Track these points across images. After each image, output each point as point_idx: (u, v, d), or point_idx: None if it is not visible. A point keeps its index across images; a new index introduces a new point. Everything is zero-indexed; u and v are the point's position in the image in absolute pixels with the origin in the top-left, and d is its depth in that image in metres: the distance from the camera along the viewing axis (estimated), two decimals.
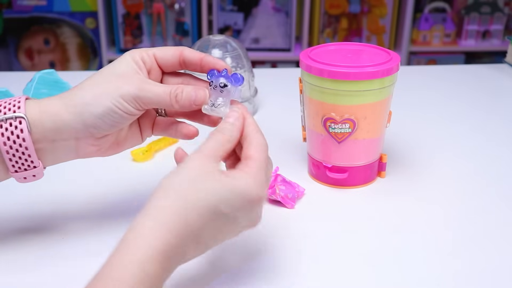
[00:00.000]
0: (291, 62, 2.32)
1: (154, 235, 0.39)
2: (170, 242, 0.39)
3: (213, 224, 0.41)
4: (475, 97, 0.95)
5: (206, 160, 0.43)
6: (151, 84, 0.48)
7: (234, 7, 2.27)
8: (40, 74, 0.79)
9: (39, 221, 0.57)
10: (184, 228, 0.40)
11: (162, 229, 0.39)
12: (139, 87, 0.47)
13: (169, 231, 0.39)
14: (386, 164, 0.66)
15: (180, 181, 0.42)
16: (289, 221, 0.58)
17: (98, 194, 0.63)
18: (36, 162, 0.47)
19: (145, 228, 0.40)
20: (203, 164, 0.42)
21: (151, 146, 0.72)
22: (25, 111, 0.46)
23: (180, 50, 0.50)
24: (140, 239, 0.39)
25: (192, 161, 0.43)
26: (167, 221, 0.40)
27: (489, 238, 0.55)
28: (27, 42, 2.38)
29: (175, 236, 0.39)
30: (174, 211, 0.40)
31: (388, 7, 2.29)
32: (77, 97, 0.47)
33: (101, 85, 0.47)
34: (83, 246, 0.53)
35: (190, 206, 0.40)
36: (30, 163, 0.47)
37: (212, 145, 0.44)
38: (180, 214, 0.40)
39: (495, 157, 0.73)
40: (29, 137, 0.46)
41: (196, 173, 0.42)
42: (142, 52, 0.49)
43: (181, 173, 0.42)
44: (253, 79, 0.85)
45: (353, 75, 0.57)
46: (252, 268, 0.50)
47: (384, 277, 0.50)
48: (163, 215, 0.40)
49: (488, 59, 2.41)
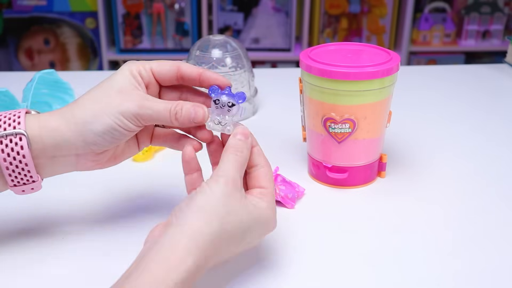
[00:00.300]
0: (291, 62, 2.32)
1: (192, 259, 0.40)
2: (202, 265, 0.41)
3: (236, 246, 0.45)
4: (475, 97, 0.95)
5: (235, 185, 0.44)
6: (151, 101, 0.48)
7: (234, 7, 2.27)
8: (40, 74, 0.79)
9: (39, 221, 0.57)
10: (214, 252, 0.42)
11: (199, 254, 0.40)
12: (139, 104, 0.47)
13: (205, 256, 0.41)
14: (386, 164, 0.66)
15: (217, 205, 0.43)
16: (289, 221, 0.58)
17: (98, 194, 0.63)
18: (35, 176, 0.47)
19: (183, 250, 0.40)
20: (234, 190, 0.44)
21: (151, 146, 0.72)
22: (25, 126, 0.46)
23: (177, 65, 0.50)
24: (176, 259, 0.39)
25: (222, 186, 0.43)
26: (204, 246, 0.41)
27: (489, 238, 0.55)
28: (27, 42, 2.38)
29: (206, 259, 0.41)
30: (212, 237, 0.42)
31: (388, 7, 2.30)
32: (78, 114, 0.47)
33: (101, 101, 0.47)
34: (83, 246, 0.53)
35: (225, 233, 0.42)
36: (29, 178, 0.47)
37: (235, 167, 0.45)
38: (215, 241, 0.42)
39: (495, 157, 0.73)
40: (29, 153, 0.46)
41: (230, 201, 0.43)
42: (139, 66, 0.49)
43: (217, 197, 0.43)
44: (253, 79, 0.85)
45: (353, 75, 0.57)
46: (252, 268, 0.50)
47: (384, 277, 0.50)
48: (202, 241, 0.41)
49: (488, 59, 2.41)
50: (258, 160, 0.48)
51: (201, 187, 0.44)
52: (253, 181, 0.48)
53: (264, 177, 0.48)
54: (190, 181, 0.49)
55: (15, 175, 0.47)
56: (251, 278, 0.49)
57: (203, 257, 0.41)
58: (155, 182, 0.66)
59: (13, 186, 0.48)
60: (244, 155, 0.46)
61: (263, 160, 0.48)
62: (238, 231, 0.43)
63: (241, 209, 0.44)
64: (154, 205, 0.61)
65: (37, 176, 0.48)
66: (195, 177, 0.49)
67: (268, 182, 0.47)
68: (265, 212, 0.45)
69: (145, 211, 0.59)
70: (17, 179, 0.47)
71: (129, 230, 0.56)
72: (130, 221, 0.58)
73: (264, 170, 0.48)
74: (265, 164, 0.48)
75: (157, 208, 0.60)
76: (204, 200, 0.43)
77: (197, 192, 0.44)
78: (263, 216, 0.45)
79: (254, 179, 0.48)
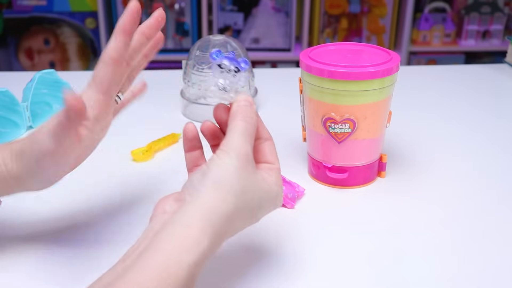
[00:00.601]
0: (291, 62, 2.32)
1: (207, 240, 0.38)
2: (216, 243, 0.40)
3: (245, 222, 0.44)
4: (475, 97, 0.95)
5: (246, 160, 0.42)
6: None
7: (234, 7, 2.27)
8: (40, 74, 0.79)
9: (38, 221, 0.57)
10: (227, 229, 0.41)
11: (214, 233, 0.39)
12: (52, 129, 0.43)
13: (219, 235, 0.40)
14: (386, 164, 0.66)
15: (232, 181, 0.41)
16: (289, 221, 0.58)
17: (98, 194, 0.63)
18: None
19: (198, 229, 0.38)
20: (246, 165, 0.42)
21: (151, 146, 0.72)
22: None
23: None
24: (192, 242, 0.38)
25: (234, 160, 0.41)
26: (220, 226, 0.40)
27: (489, 238, 0.55)
28: (27, 42, 2.38)
29: (220, 238, 0.40)
30: (227, 216, 0.40)
31: (388, 7, 2.30)
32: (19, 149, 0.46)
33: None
34: (83, 246, 0.53)
35: (239, 212, 0.41)
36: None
37: (246, 140, 0.43)
38: (230, 219, 0.41)
39: (495, 157, 0.73)
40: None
41: (243, 176, 0.41)
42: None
43: (231, 172, 0.41)
44: (253, 79, 0.85)
45: (353, 75, 0.57)
46: (252, 267, 0.50)
47: (384, 277, 0.50)
48: (217, 220, 0.40)
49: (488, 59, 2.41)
50: (262, 133, 0.46)
51: (212, 160, 0.42)
52: (259, 155, 0.46)
53: (269, 152, 0.46)
54: (191, 158, 0.48)
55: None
56: (251, 278, 0.49)
57: (217, 237, 0.40)
58: (155, 182, 0.66)
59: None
60: (253, 122, 0.44)
61: (266, 133, 0.47)
62: (250, 208, 0.42)
63: (254, 185, 0.42)
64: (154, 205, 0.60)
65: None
66: (197, 154, 0.48)
67: (274, 157, 0.46)
68: (274, 188, 0.45)
69: (145, 211, 0.59)
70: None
71: (129, 230, 0.56)
72: (130, 221, 0.58)
73: (269, 144, 0.47)
74: (269, 137, 0.47)
75: None
76: (218, 174, 0.41)
77: (209, 166, 0.42)
78: (273, 192, 0.44)
79: (260, 154, 0.46)
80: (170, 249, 0.37)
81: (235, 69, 0.47)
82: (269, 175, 0.45)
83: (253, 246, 0.54)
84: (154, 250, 0.37)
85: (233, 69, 0.47)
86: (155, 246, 0.38)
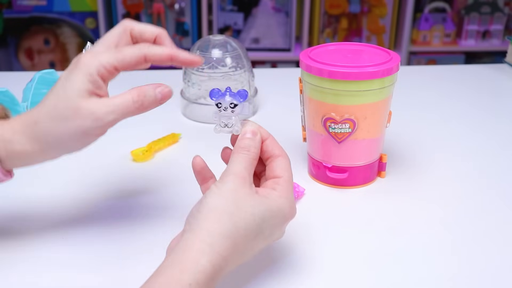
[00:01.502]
0: (291, 62, 2.32)
1: (205, 258, 0.40)
2: (219, 264, 0.41)
3: (255, 241, 0.44)
4: (475, 97, 0.95)
5: (243, 182, 0.44)
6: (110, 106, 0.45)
7: (234, 7, 2.27)
8: (40, 74, 0.79)
9: (38, 221, 0.57)
10: (232, 250, 0.42)
11: (213, 252, 0.40)
12: (100, 118, 0.45)
13: (220, 254, 0.41)
14: (386, 164, 0.66)
15: (226, 203, 0.42)
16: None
17: (98, 194, 0.63)
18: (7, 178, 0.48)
19: (196, 251, 0.40)
20: (242, 187, 0.43)
21: (151, 146, 0.72)
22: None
23: (143, 56, 0.47)
24: (190, 261, 0.40)
25: (230, 184, 0.43)
26: (218, 245, 0.41)
27: (489, 238, 0.55)
28: (27, 42, 2.38)
29: (224, 258, 0.41)
30: (226, 235, 0.41)
31: (388, 7, 2.29)
32: (41, 137, 0.46)
33: (61, 122, 0.45)
34: (83, 246, 0.53)
35: (238, 229, 0.42)
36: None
37: (243, 166, 0.45)
38: (230, 238, 0.41)
39: (495, 157, 0.73)
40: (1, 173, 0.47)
41: (239, 197, 0.43)
42: (100, 69, 0.45)
43: (225, 195, 0.43)
44: (253, 79, 0.85)
45: (353, 75, 0.57)
46: (252, 267, 0.50)
47: (384, 277, 0.50)
48: (215, 240, 0.41)
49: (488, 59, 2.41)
50: (273, 151, 0.48)
51: (209, 189, 0.44)
52: (269, 172, 0.47)
53: (277, 166, 0.47)
54: (206, 189, 0.49)
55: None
56: (250, 278, 0.49)
57: (219, 256, 0.40)
58: (155, 182, 0.66)
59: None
60: (252, 154, 0.46)
61: (277, 150, 0.48)
62: (253, 224, 0.43)
63: (251, 202, 0.43)
64: (154, 205, 0.61)
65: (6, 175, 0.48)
66: (211, 183, 0.48)
67: (282, 170, 0.47)
68: (277, 201, 0.44)
69: (145, 211, 0.59)
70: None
71: (129, 230, 0.56)
72: (130, 221, 0.58)
73: (279, 160, 0.47)
74: (280, 154, 0.48)
75: (157, 208, 0.60)
76: (212, 200, 0.43)
77: (205, 195, 0.43)
78: (275, 204, 0.44)
79: (269, 170, 0.47)
80: (171, 271, 0.39)
81: (231, 105, 0.47)
82: (272, 189, 0.45)
83: None
84: (157, 274, 0.40)
85: (229, 106, 0.47)
86: (159, 270, 0.40)
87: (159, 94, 0.46)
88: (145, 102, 0.46)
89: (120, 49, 0.47)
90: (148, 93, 0.46)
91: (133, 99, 0.45)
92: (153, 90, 0.46)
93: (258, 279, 0.49)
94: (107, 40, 0.49)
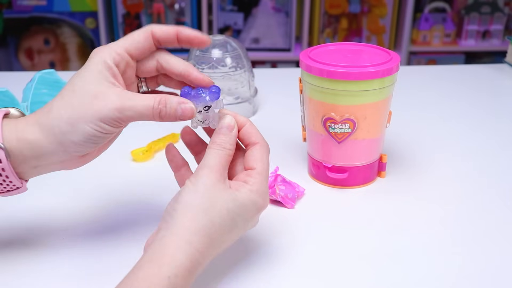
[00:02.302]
0: (291, 62, 2.32)
1: (183, 254, 0.41)
2: (197, 259, 0.41)
3: (230, 234, 0.45)
4: (475, 97, 0.95)
5: (217, 178, 0.44)
6: (131, 99, 0.44)
7: (234, 7, 2.27)
8: (40, 74, 0.79)
9: (38, 221, 0.57)
10: (209, 244, 0.42)
11: (191, 248, 0.41)
12: (118, 108, 0.44)
13: (197, 249, 0.41)
14: (386, 164, 0.66)
15: (201, 199, 0.43)
16: (289, 221, 0.58)
17: (98, 194, 0.63)
18: (18, 184, 0.46)
19: (174, 248, 0.41)
20: (217, 182, 0.44)
21: (151, 146, 0.72)
22: (2, 138, 0.44)
23: (150, 32, 0.47)
24: (168, 257, 0.40)
25: (205, 179, 0.44)
26: (196, 241, 0.41)
27: (489, 238, 0.55)
28: (27, 42, 2.38)
29: (201, 253, 0.42)
30: (203, 232, 0.42)
31: (388, 7, 2.30)
32: (55, 124, 0.44)
33: (76, 109, 0.44)
34: (83, 246, 0.53)
35: (214, 225, 0.43)
36: (12, 186, 0.46)
37: (218, 161, 0.45)
38: (206, 234, 0.42)
39: (495, 157, 0.73)
40: (9, 166, 0.44)
41: (214, 193, 0.43)
42: (113, 54, 0.45)
43: (200, 192, 0.43)
44: (253, 79, 0.85)
45: (353, 75, 0.57)
46: (252, 267, 0.50)
47: (384, 277, 0.50)
48: (192, 236, 0.41)
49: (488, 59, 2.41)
50: (250, 139, 0.48)
51: (184, 185, 0.44)
52: (245, 161, 0.48)
53: (252, 156, 0.47)
54: (180, 177, 0.49)
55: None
56: (250, 278, 0.49)
57: (196, 252, 0.41)
58: (155, 182, 0.66)
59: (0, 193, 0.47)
60: (227, 150, 0.46)
61: (254, 138, 0.48)
62: (227, 219, 0.43)
63: (225, 197, 0.43)
64: (154, 205, 0.61)
65: (21, 183, 0.46)
66: (183, 172, 0.49)
67: (255, 161, 0.47)
68: (249, 195, 0.45)
69: (145, 211, 0.59)
70: (1, 188, 0.46)
71: (129, 230, 0.56)
72: (130, 221, 0.58)
73: (255, 149, 0.47)
74: (257, 141, 0.48)
75: (157, 208, 0.60)
76: (188, 197, 0.43)
77: (180, 191, 0.44)
78: (248, 198, 0.45)
79: (245, 159, 0.47)
80: (150, 266, 0.40)
81: (205, 109, 0.47)
82: (244, 182, 0.45)
83: (253, 246, 0.54)
84: (137, 269, 0.40)
85: (203, 110, 0.47)
86: (137, 266, 0.40)
87: (180, 110, 0.46)
88: (163, 112, 0.45)
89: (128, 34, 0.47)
90: (171, 104, 0.46)
91: (154, 105, 0.45)
92: (176, 103, 0.46)
93: (259, 279, 0.49)
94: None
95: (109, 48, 0.46)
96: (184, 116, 0.46)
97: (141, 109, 0.45)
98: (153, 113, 0.45)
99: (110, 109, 0.44)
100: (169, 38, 0.47)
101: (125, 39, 0.47)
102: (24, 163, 0.45)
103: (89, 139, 0.44)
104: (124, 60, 0.46)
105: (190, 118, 0.47)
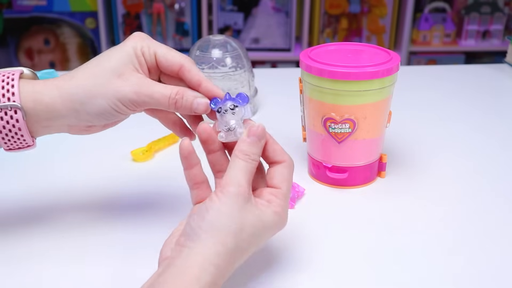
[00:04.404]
0: (291, 62, 2.32)
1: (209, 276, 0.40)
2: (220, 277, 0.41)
3: (249, 253, 0.45)
4: (475, 97, 0.95)
5: (245, 197, 0.43)
6: (150, 86, 0.46)
7: (234, 7, 2.27)
8: (40, 74, 0.79)
9: (38, 220, 0.57)
10: (231, 264, 0.42)
11: (216, 270, 0.41)
12: (137, 91, 0.46)
13: (220, 270, 0.41)
14: (386, 164, 0.66)
15: (230, 222, 0.42)
16: (289, 221, 0.58)
17: (98, 194, 0.63)
18: (30, 142, 0.48)
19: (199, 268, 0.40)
20: (245, 202, 0.43)
21: (151, 146, 0.72)
22: (20, 99, 0.46)
23: (180, 63, 0.48)
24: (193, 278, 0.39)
25: (233, 198, 0.42)
26: (222, 265, 0.41)
27: (489, 238, 0.55)
28: (27, 42, 2.38)
29: (224, 273, 0.42)
30: (229, 255, 0.42)
31: (388, 7, 2.30)
32: (74, 91, 0.46)
33: (98, 82, 0.46)
34: (82, 246, 0.53)
35: (240, 249, 0.43)
36: (24, 144, 0.48)
37: (246, 177, 0.44)
38: (232, 256, 0.42)
39: (495, 157, 0.73)
40: (25, 125, 0.46)
41: (242, 215, 0.42)
42: (145, 46, 0.48)
43: (227, 213, 0.42)
44: (253, 79, 0.85)
45: (353, 75, 0.57)
46: (252, 267, 0.50)
47: (384, 277, 0.50)
48: (220, 260, 0.41)
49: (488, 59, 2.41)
50: (275, 156, 0.47)
51: (210, 200, 0.43)
52: (268, 177, 0.47)
53: (277, 175, 0.46)
54: (190, 175, 0.48)
55: (10, 143, 0.48)
56: (250, 278, 0.49)
57: (219, 273, 0.41)
58: (155, 182, 0.66)
59: (8, 150, 0.49)
60: (254, 163, 0.45)
61: (280, 155, 0.47)
62: (252, 242, 0.43)
63: (252, 221, 0.43)
64: (154, 205, 0.61)
65: (32, 141, 0.48)
66: (195, 171, 0.48)
67: (281, 180, 0.46)
68: (273, 217, 0.45)
69: (145, 211, 0.59)
70: (12, 145, 0.48)
71: (129, 230, 0.56)
72: (129, 221, 0.58)
73: (280, 167, 0.47)
74: (282, 160, 0.47)
75: (157, 208, 0.60)
76: (216, 217, 0.42)
77: (207, 207, 0.42)
78: (272, 221, 0.45)
79: (269, 176, 0.47)
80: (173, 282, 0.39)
81: (231, 107, 0.46)
82: (268, 203, 0.45)
83: None
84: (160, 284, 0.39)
85: (229, 108, 0.46)
86: (159, 281, 0.40)
87: (195, 104, 0.47)
88: (179, 103, 0.47)
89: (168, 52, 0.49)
90: (187, 97, 0.47)
91: (171, 95, 0.47)
92: (192, 97, 0.47)
93: (258, 279, 0.49)
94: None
95: (143, 40, 0.48)
96: (199, 108, 0.47)
97: (158, 97, 0.46)
98: (169, 102, 0.47)
99: (129, 91, 0.46)
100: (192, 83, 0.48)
101: (161, 47, 0.49)
102: (37, 123, 0.47)
103: (102, 114, 0.47)
104: (151, 59, 0.48)
105: (204, 113, 0.48)
